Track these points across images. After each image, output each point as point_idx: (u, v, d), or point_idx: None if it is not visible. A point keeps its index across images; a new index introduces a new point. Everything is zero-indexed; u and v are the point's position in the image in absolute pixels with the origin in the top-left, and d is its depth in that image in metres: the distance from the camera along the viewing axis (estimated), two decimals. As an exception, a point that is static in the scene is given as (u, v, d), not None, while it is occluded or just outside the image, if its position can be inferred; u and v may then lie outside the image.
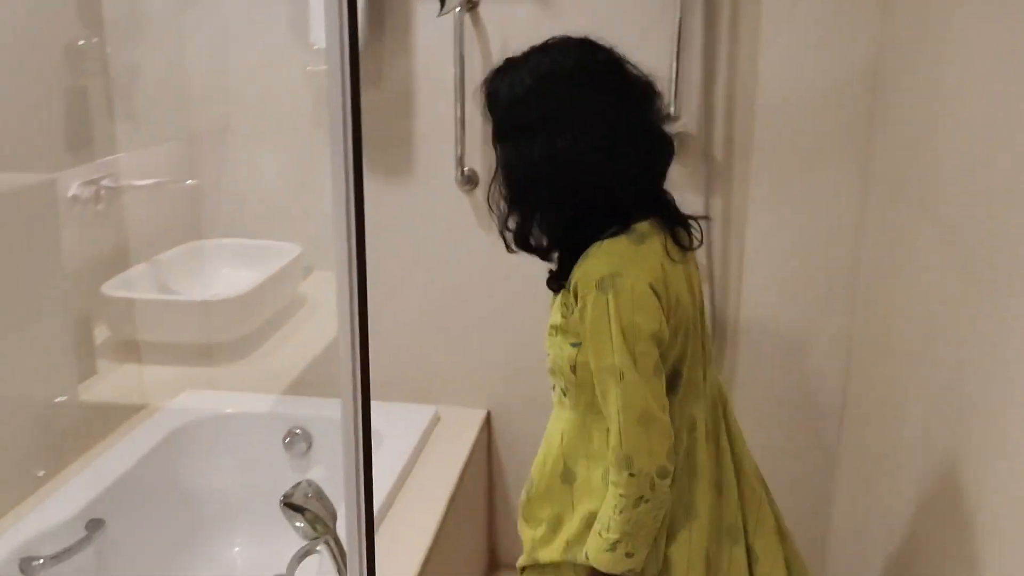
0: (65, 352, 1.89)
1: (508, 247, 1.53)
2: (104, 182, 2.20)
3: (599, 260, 1.39)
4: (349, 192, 0.85)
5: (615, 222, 1.42)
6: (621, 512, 1.37)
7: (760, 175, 2.11)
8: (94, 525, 1.91)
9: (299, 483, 1.58)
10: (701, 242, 1.53)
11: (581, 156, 1.39)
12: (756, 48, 2.05)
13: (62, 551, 1.82)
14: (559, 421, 1.60)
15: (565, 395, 1.55)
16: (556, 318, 1.51)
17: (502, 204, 1.49)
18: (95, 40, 2.22)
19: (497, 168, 1.49)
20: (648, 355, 1.37)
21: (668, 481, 1.38)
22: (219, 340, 2.25)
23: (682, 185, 2.15)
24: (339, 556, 1.58)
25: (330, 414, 2.34)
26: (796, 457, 2.18)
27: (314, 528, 1.57)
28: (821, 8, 1.97)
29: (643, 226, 1.42)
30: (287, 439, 2.36)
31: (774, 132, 2.07)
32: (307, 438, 2.36)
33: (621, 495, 1.37)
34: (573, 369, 1.48)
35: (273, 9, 2.20)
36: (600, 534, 1.42)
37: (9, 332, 1.79)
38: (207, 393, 2.36)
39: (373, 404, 2.32)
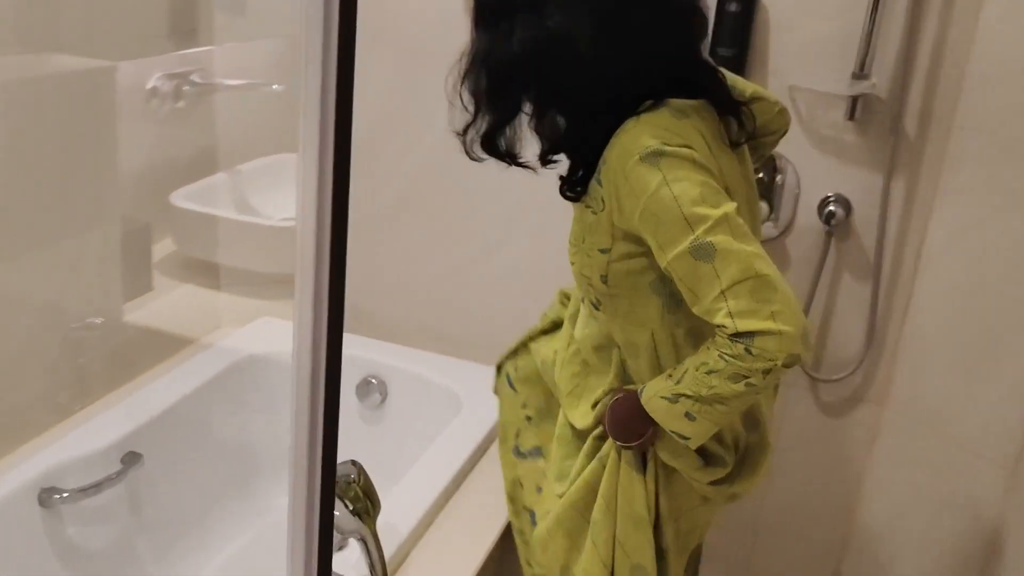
0: (112, 264, 1.65)
1: (468, 151, 1.26)
2: (193, 76, 1.96)
3: (637, 133, 1.13)
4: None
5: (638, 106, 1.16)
6: (709, 373, 1.11)
7: (959, 159, 1.70)
8: (130, 459, 1.71)
9: (344, 462, 1.32)
10: (752, 134, 1.26)
11: (582, 37, 1.13)
12: (978, 2, 1.63)
13: (89, 485, 1.62)
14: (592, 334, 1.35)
15: (598, 308, 1.28)
16: (577, 228, 1.26)
17: (478, 101, 1.22)
18: None
19: (473, 56, 1.21)
20: (735, 216, 1.11)
21: (789, 371, 1.11)
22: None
23: (859, 160, 1.77)
24: (374, 553, 1.31)
25: (410, 366, 2.09)
26: (947, 506, 1.81)
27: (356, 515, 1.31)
28: None
29: (682, 103, 1.16)
30: (360, 387, 2.13)
31: (984, 108, 1.65)
32: (382, 389, 2.12)
33: (722, 357, 1.10)
34: (604, 279, 1.22)
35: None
36: (670, 376, 1.18)
37: (45, 236, 1.56)
38: (281, 323, 2.14)
39: (451, 361, 2.03)
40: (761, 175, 1.83)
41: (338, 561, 1.22)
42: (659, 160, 1.09)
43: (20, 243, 1.52)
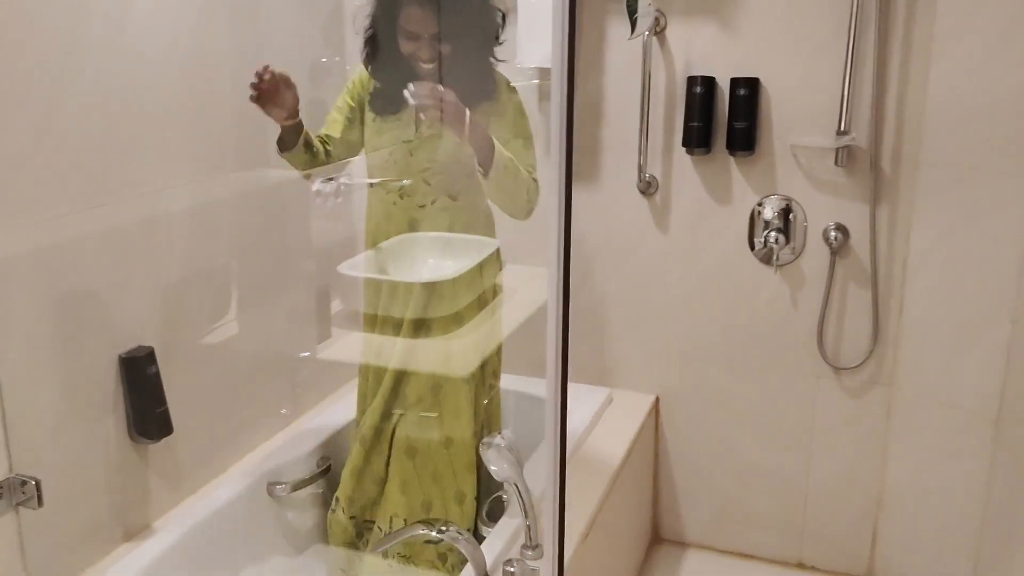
0: (309, 318, 2.30)
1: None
2: (342, 179, 2.61)
3: None
4: (561, 198, 1.11)
5: None
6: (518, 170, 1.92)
7: (926, 187, 2.23)
8: (322, 463, 2.30)
9: (496, 433, 1.88)
10: None
11: None
12: (927, 63, 2.17)
13: (300, 481, 2.22)
14: None
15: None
16: None
17: None
18: (336, 59, 2.63)
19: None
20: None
21: None
22: (424, 316, 2.61)
23: (850, 195, 2.31)
24: (523, 498, 1.86)
25: (516, 387, 2.65)
26: (952, 457, 2.29)
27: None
28: (993, 23, 2.04)
29: None
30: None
31: (942, 146, 2.19)
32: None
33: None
34: None
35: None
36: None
37: (269, 298, 2.22)
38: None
39: (555, 380, 2.59)
40: (777, 213, 2.38)
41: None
42: None
43: (255, 301, 2.18)
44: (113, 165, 1.82)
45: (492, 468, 1.92)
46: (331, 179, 2.54)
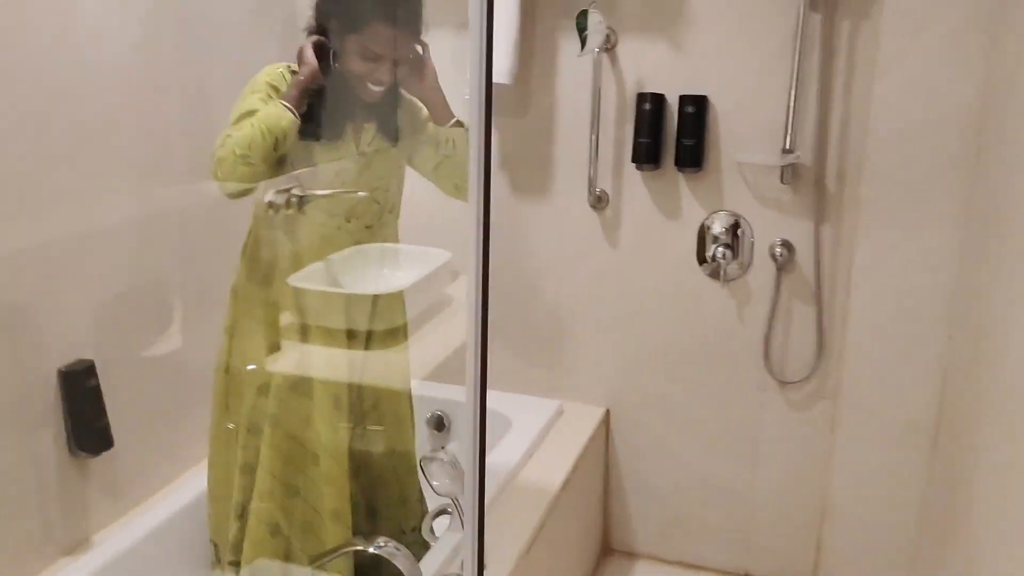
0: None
1: None
2: (294, 191, 2.60)
3: None
4: (479, 209, 1.12)
5: None
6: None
7: (868, 204, 2.27)
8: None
9: (438, 448, 1.89)
10: None
11: None
12: (871, 83, 2.22)
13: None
14: None
15: None
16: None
17: None
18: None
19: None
20: None
21: None
22: (376, 328, 2.61)
23: (795, 212, 2.34)
24: (462, 516, 1.87)
25: (455, 397, 2.66)
26: (893, 468, 2.33)
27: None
28: (933, 46, 2.08)
29: None
30: (428, 418, 2.70)
31: (883, 164, 2.22)
32: (446, 419, 2.69)
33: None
34: None
35: (448, 44, 2.53)
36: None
37: (215, 311, 2.21)
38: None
39: (503, 394, 2.63)
40: (725, 229, 2.41)
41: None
42: None
43: (200, 314, 2.17)
44: (51, 175, 1.80)
45: (434, 483, 1.93)
46: (285, 190, 2.53)
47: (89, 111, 1.88)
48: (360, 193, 2.77)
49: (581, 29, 2.26)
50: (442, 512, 2.17)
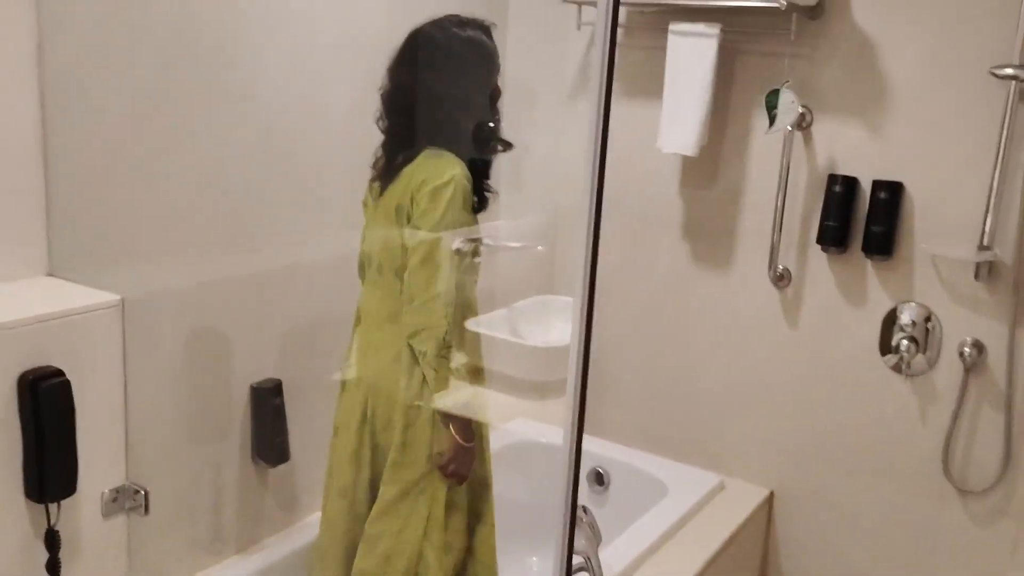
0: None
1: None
2: (486, 240, 2.77)
3: None
4: (585, 272, 1.16)
5: None
6: None
7: (1077, 313, 2.10)
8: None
9: (580, 504, 1.95)
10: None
11: None
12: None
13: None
14: None
15: None
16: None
17: None
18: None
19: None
20: None
21: None
22: (548, 380, 2.70)
23: (989, 312, 2.20)
24: (596, 570, 1.91)
25: (629, 460, 2.69)
26: None
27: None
28: None
29: None
30: (590, 474, 2.75)
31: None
32: (607, 477, 2.73)
33: None
34: None
35: (635, 113, 2.61)
36: None
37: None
38: (534, 423, 2.83)
39: (663, 460, 2.63)
40: (913, 321, 2.30)
41: None
42: None
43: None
44: (271, 213, 2.05)
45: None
46: (472, 240, 2.70)
47: (308, 160, 2.13)
48: (539, 248, 2.89)
49: (770, 107, 2.26)
50: (580, 570, 2.22)
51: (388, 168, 1.92)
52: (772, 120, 2.28)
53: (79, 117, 1.67)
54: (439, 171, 1.82)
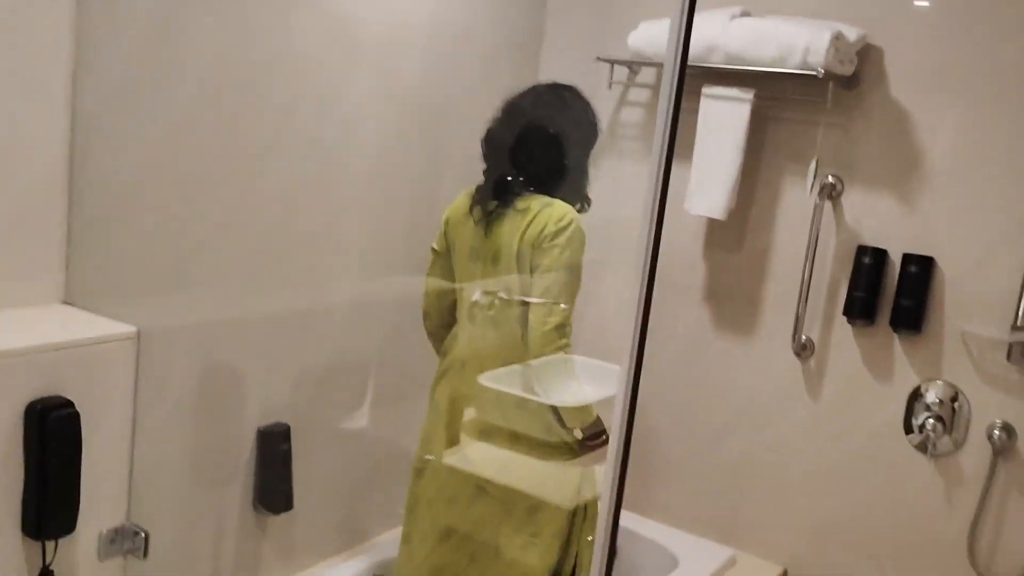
0: (438, 424, 2.41)
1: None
2: (500, 294, 2.72)
3: None
4: (635, 338, 1.13)
5: None
6: None
7: (1112, 401, 2.04)
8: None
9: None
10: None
11: None
12: None
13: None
14: None
15: None
16: None
17: None
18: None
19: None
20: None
21: None
22: (554, 439, 2.63)
23: (1020, 395, 2.14)
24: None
25: (640, 529, 2.60)
26: None
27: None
28: None
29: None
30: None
31: None
32: (617, 546, 2.64)
33: None
34: None
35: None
36: None
37: (403, 398, 2.35)
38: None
39: (675, 531, 2.54)
40: (940, 400, 2.24)
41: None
42: None
43: (389, 399, 2.31)
44: (287, 256, 2.01)
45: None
46: (490, 293, 2.66)
47: (332, 205, 2.10)
48: (563, 306, 2.85)
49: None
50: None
51: (497, 211, 2.03)
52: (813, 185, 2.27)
53: (108, 149, 1.65)
54: (560, 213, 1.96)
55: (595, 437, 2.06)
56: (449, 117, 2.38)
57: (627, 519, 2.66)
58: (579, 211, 2.04)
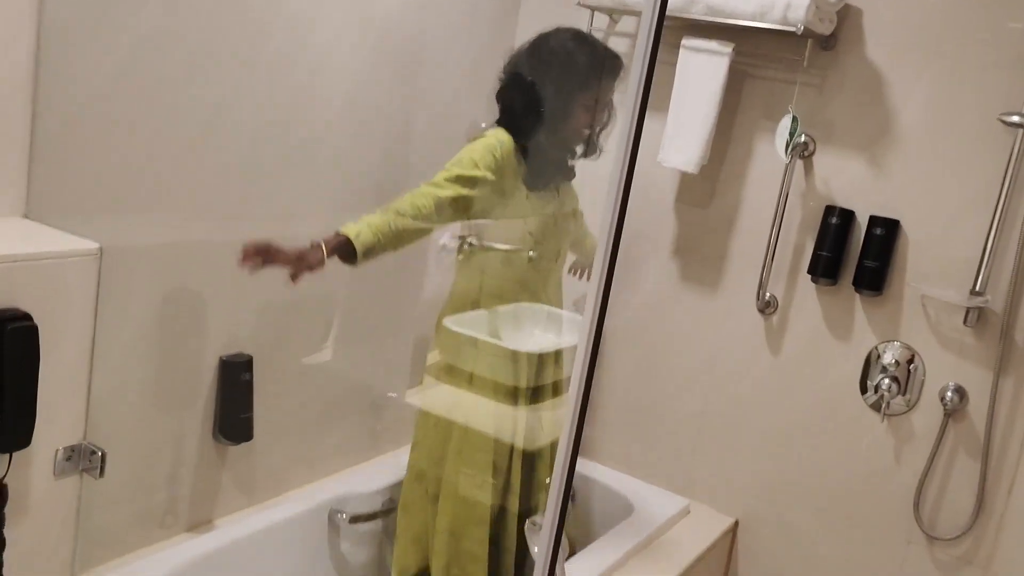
0: (403, 362, 2.40)
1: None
2: (470, 239, 2.71)
3: None
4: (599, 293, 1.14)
5: None
6: None
7: (1061, 367, 2.09)
8: (388, 503, 2.36)
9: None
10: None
11: None
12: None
13: (361, 514, 2.29)
14: None
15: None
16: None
17: None
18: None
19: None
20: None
21: None
22: (519, 385, 2.64)
23: (975, 358, 2.19)
24: None
25: (598, 476, 2.63)
26: None
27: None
28: None
29: None
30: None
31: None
32: (575, 492, 2.67)
33: None
34: None
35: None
36: None
37: (369, 336, 2.33)
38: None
39: (632, 480, 2.58)
40: (896, 361, 2.28)
41: None
42: None
43: (354, 336, 2.30)
44: (256, 183, 1.98)
45: (534, 549, 1.92)
46: (461, 238, 2.64)
47: (304, 134, 2.06)
48: (531, 254, 2.85)
49: (793, 133, 2.27)
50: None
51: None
52: (788, 147, 2.28)
53: (75, 62, 1.60)
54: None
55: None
56: (426, 52, 2.35)
57: (585, 466, 2.70)
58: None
